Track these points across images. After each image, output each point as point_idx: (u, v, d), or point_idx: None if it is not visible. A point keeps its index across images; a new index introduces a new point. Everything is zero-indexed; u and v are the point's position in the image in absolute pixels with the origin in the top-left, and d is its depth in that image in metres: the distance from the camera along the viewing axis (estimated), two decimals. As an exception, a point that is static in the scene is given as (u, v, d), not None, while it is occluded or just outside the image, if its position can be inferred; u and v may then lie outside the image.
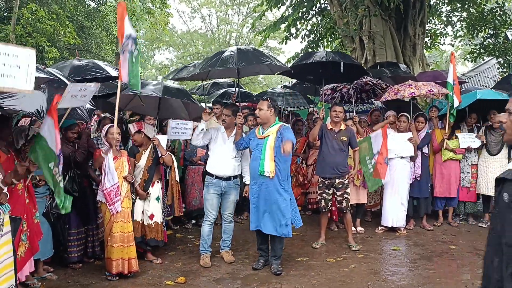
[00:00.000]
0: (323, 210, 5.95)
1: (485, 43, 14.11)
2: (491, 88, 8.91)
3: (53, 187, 3.76)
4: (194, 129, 6.60)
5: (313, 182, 7.42)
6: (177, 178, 5.90)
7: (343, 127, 5.90)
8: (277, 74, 7.19)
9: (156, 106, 5.49)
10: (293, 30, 14.37)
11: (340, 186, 5.82)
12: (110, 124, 5.08)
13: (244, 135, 5.29)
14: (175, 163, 5.75)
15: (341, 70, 6.41)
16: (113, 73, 5.98)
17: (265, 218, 4.87)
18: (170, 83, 5.95)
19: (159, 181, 5.38)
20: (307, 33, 14.63)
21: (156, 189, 5.30)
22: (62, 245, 4.95)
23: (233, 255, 5.47)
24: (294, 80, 10.45)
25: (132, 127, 5.27)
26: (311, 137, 6.11)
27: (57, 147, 3.64)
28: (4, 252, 3.74)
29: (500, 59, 13.96)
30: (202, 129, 5.18)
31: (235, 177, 5.31)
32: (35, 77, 3.65)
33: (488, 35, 14.07)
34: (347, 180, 5.87)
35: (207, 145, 5.64)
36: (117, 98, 4.69)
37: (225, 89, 10.04)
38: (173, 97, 5.28)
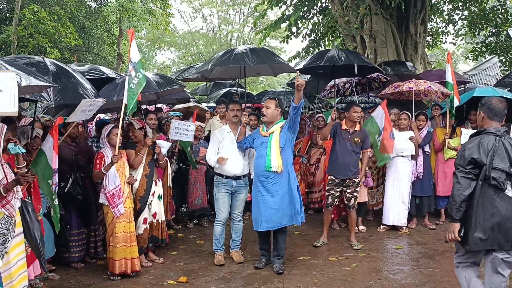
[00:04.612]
0: (329, 207, 5.93)
1: (486, 41, 14.08)
2: (493, 86, 8.90)
3: (51, 201, 4.10)
4: (200, 129, 6.64)
5: (315, 181, 7.41)
6: (170, 183, 5.82)
7: (357, 127, 5.87)
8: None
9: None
10: (294, 29, 14.35)
11: (351, 184, 5.81)
12: (112, 125, 5.07)
13: (249, 132, 5.28)
14: (169, 168, 5.72)
15: (356, 72, 6.39)
16: (112, 75, 5.99)
17: (279, 214, 4.84)
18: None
19: (159, 180, 5.37)
20: (308, 32, 14.61)
21: (158, 188, 5.29)
22: (63, 245, 4.96)
23: (242, 255, 5.44)
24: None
25: (136, 124, 5.27)
26: (322, 137, 6.07)
27: (54, 165, 4.02)
28: (18, 253, 3.77)
29: (501, 57, 13.93)
30: (217, 161, 5.16)
31: (244, 175, 5.30)
32: (38, 85, 3.75)
33: (490, 33, 14.03)
34: (358, 179, 5.87)
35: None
36: (123, 102, 4.78)
37: (227, 89, 10.02)
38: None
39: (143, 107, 7.12)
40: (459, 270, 3.61)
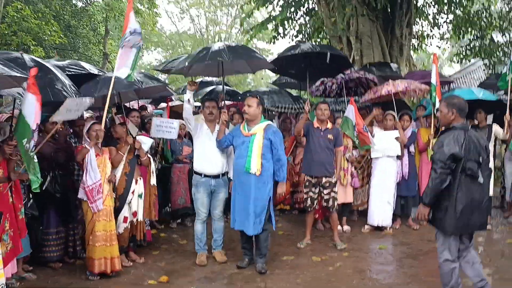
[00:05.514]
0: (309, 209, 5.90)
1: (471, 44, 14.20)
2: (478, 87, 8.95)
3: (27, 164, 3.80)
4: (183, 128, 6.53)
5: (300, 181, 7.37)
6: (153, 182, 5.66)
7: (329, 125, 5.87)
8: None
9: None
10: (280, 30, 14.34)
11: (327, 185, 5.77)
12: (93, 121, 4.99)
13: (227, 130, 5.22)
14: (153, 166, 5.62)
15: (327, 61, 6.35)
16: (94, 70, 5.86)
17: (250, 218, 4.79)
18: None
19: (141, 178, 5.27)
20: (295, 33, 14.62)
21: (139, 186, 5.19)
22: (38, 245, 4.84)
23: (225, 254, 5.36)
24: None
25: (117, 119, 5.18)
26: (296, 131, 6.08)
27: (35, 121, 3.76)
28: None
29: (485, 61, 14.05)
30: (188, 100, 5.06)
31: (223, 174, 5.24)
32: (13, 76, 3.64)
33: (475, 37, 14.15)
34: (334, 179, 5.83)
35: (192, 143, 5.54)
36: (108, 97, 4.71)
37: (213, 87, 9.92)
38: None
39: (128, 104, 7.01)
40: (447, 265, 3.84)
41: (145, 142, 5.28)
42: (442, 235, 3.79)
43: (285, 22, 14.11)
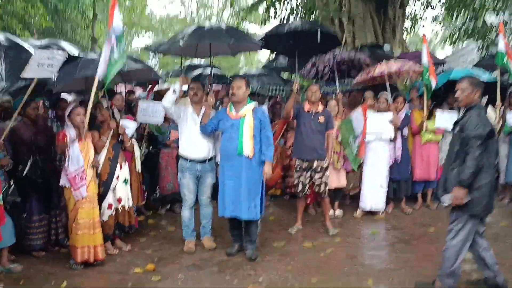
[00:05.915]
0: (300, 195, 5.78)
1: (464, 26, 14.05)
2: (473, 66, 8.83)
3: None
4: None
5: (292, 165, 7.23)
6: (138, 168, 5.53)
7: (320, 108, 5.72)
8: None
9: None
10: (272, 12, 14.10)
11: (319, 169, 5.63)
12: (75, 104, 4.80)
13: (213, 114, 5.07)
14: (137, 152, 5.45)
15: (318, 41, 6.19)
16: (73, 51, 5.63)
17: (243, 202, 4.66)
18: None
19: (125, 163, 5.10)
20: (286, 16, 14.37)
21: (123, 171, 5.02)
22: (21, 233, 4.68)
23: (214, 241, 5.24)
24: None
25: (104, 102, 5.00)
26: (284, 112, 5.88)
27: None
28: None
29: (479, 43, 13.91)
30: (174, 90, 4.88)
31: (210, 159, 5.09)
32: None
33: (468, 19, 13.99)
34: (326, 164, 5.69)
35: None
36: (95, 83, 4.47)
37: (201, 71, 9.71)
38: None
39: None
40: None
41: (129, 127, 5.11)
42: (468, 217, 3.64)
43: (276, 3, 13.86)
